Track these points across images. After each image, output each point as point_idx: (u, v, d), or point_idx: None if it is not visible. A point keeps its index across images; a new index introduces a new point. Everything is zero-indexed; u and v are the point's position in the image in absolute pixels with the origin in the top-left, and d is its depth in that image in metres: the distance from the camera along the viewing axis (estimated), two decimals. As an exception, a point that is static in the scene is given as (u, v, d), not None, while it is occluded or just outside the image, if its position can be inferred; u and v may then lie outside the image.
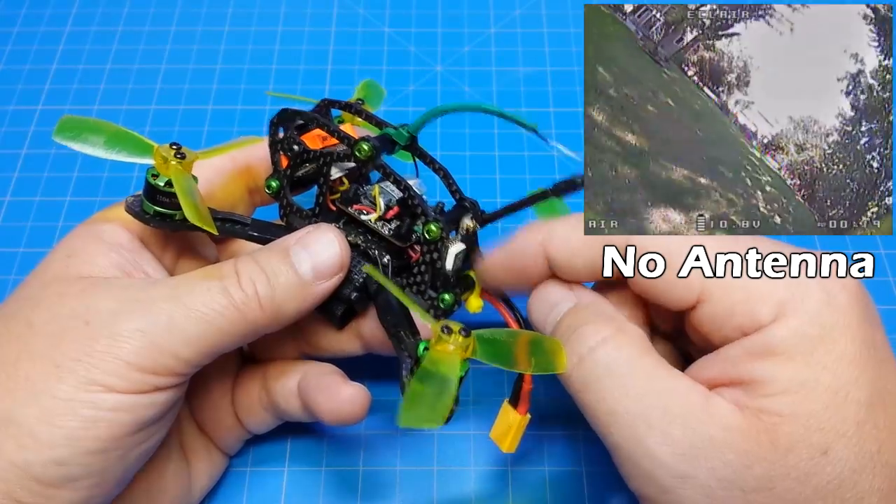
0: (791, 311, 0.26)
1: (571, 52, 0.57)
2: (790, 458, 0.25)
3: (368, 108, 0.37)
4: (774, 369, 0.26)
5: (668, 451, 0.26)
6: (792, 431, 0.25)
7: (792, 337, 0.26)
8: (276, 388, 0.35)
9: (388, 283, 0.28)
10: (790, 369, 0.26)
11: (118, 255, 0.32)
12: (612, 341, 0.28)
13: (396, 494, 0.38)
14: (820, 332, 0.26)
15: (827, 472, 0.25)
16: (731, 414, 0.26)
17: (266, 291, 0.30)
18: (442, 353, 0.27)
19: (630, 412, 0.27)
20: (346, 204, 0.35)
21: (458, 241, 0.33)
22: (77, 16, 0.58)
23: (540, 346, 0.30)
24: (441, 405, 0.25)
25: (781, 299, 0.26)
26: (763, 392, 0.26)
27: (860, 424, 0.25)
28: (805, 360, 0.26)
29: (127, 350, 0.27)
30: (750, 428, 0.26)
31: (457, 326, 0.27)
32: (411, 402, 0.25)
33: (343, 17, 0.59)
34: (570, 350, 0.29)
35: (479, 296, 0.34)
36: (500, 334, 0.29)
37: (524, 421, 0.32)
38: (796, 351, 0.26)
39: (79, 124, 0.34)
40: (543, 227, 0.31)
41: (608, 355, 0.28)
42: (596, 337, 0.29)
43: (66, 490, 0.27)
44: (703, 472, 0.26)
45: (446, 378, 0.26)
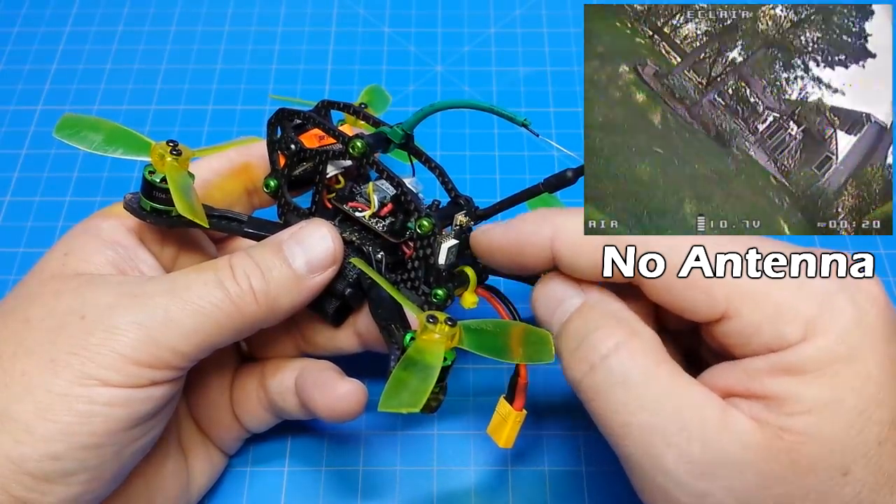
0: (821, 330, 0.25)
1: (571, 52, 0.57)
2: (810, 479, 0.25)
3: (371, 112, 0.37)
4: (799, 388, 0.25)
5: (686, 469, 0.25)
6: (814, 452, 0.25)
7: (820, 356, 0.25)
8: (274, 385, 0.35)
9: (377, 276, 0.29)
10: (816, 389, 0.25)
11: (114, 253, 0.32)
12: (625, 348, 0.27)
13: (396, 494, 0.38)
14: (848, 352, 0.25)
15: (846, 493, 0.25)
16: (751, 431, 0.25)
17: (261, 285, 0.30)
18: (427, 343, 0.27)
19: (645, 425, 0.26)
20: (342, 201, 0.35)
21: (452, 237, 0.33)
22: (77, 16, 0.58)
23: (528, 336, 0.29)
24: (421, 391, 0.25)
25: (811, 317, 0.26)
26: (786, 410, 0.25)
27: (881, 444, 0.25)
28: (832, 380, 0.25)
29: (123, 343, 0.28)
30: (770, 447, 0.25)
31: (442, 316, 0.27)
32: (393, 388, 0.26)
33: (343, 17, 0.59)
34: (580, 357, 0.28)
35: (474, 292, 0.34)
36: (487, 325, 0.29)
37: (520, 416, 0.32)
38: (823, 371, 0.25)
39: (78, 122, 0.35)
40: (553, 219, 0.29)
41: (622, 364, 0.27)
42: (608, 343, 0.27)
43: (61, 485, 0.27)
44: (721, 491, 0.25)
45: (430, 366, 0.26)
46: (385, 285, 0.28)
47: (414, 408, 0.25)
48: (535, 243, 0.30)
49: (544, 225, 0.29)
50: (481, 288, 0.34)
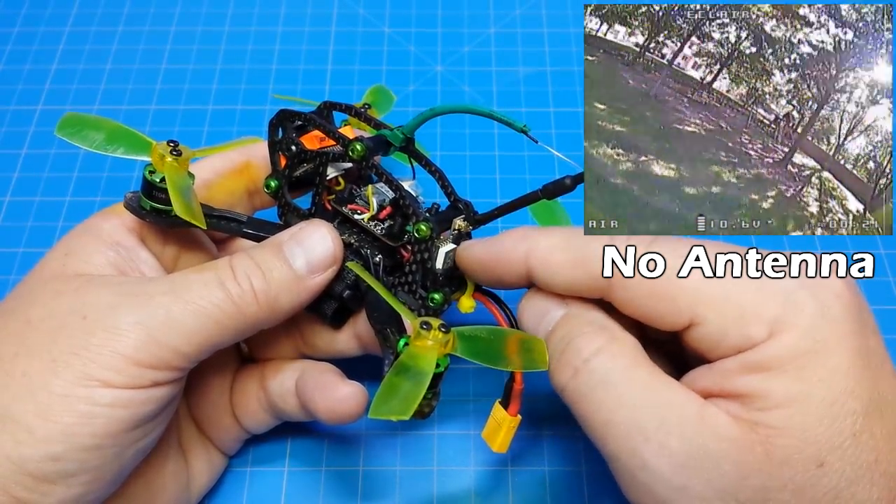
0: (785, 327, 0.26)
1: (571, 52, 0.57)
2: (785, 471, 0.25)
3: (374, 113, 0.37)
4: (768, 384, 0.26)
5: (665, 463, 0.26)
6: (787, 444, 0.25)
7: (786, 352, 0.26)
8: (274, 386, 0.35)
9: (371, 280, 0.29)
10: (784, 384, 0.25)
11: (115, 254, 0.32)
12: (606, 351, 0.28)
13: (396, 494, 0.38)
14: (814, 346, 0.26)
15: (823, 485, 0.25)
16: (727, 425, 0.26)
17: (261, 286, 0.30)
18: (420, 348, 0.27)
19: (626, 422, 0.27)
20: (341, 204, 0.35)
21: (450, 241, 0.33)
22: (77, 16, 0.58)
23: (523, 344, 0.30)
24: (412, 398, 0.25)
25: (775, 316, 0.26)
26: (758, 406, 0.26)
27: (856, 435, 0.25)
28: (799, 375, 0.25)
29: (125, 343, 0.28)
30: (745, 439, 0.25)
31: (436, 322, 0.27)
32: (384, 394, 0.26)
33: (343, 17, 0.59)
34: (564, 362, 0.29)
35: (472, 296, 0.34)
36: (481, 331, 0.29)
37: (515, 421, 0.32)
38: (790, 366, 0.26)
39: (80, 121, 0.35)
40: (528, 237, 0.30)
41: (603, 366, 0.28)
42: (590, 347, 0.28)
43: (61, 486, 0.27)
44: (700, 484, 0.25)
45: (422, 372, 0.26)
46: (380, 289, 0.28)
47: (404, 415, 0.25)
48: (512, 260, 0.30)
49: (521, 242, 0.30)
50: (479, 292, 0.34)
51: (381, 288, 0.29)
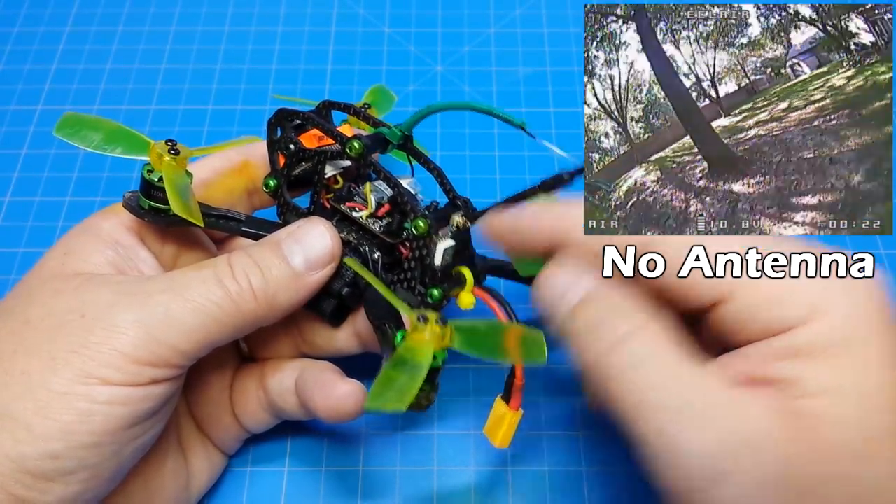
0: (822, 314, 0.25)
1: (571, 52, 0.57)
2: (828, 463, 0.24)
3: (374, 113, 0.37)
4: (808, 370, 0.25)
5: (702, 450, 0.25)
6: (831, 436, 0.24)
7: (826, 339, 0.25)
8: (273, 385, 0.35)
9: (369, 276, 0.29)
10: (825, 371, 0.25)
11: (114, 253, 0.32)
12: (644, 331, 0.27)
13: (396, 494, 0.38)
14: (853, 335, 0.25)
15: (866, 479, 0.24)
16: (766, 414, 0.25)
17: (260, 283, 0.30)
18: (417, 342, 0.27)
19: (659, 405, 0.26)
20: (340, 202, 0.35)
21: (448, 238, 0.33)
22: (77, 16, 0.58)
23: (522, 337, 0.29)
24: (408, 390, 0.25)
25: (813, 299, 0.26)
26: (797, 393, 0.25)
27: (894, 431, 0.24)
28: (839, 363, 0.25)
29: (123, 341, 0.28)
30: (786, 429, 0.25)
31: (433, 316, 0.27)
32: (380, 387, 0.26)
33: (343, 17, 0.59)
34: (595, 339, 0.28)
35: (471, 292, 0.34)
36: (479, 325, 0.29)
37: (516, 416, 0.32)
38: (830, 353, 0.25)
39: (79, 121, 0.35)
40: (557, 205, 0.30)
41: (641, 347, 0.27)
42: (626, 326, 0.27)
43: (60, 483, 0.27)
44: (739, 473, 0.25)
45: (418, 365, 0.26)
46: (377, 285, 0.29)
47: (399, 407, 0.25)
48: (543, 220, 0.30)
49: (552, 208, 0.30)
50: (478, 288, 0.34)
51: (380, 284, 0.29)
